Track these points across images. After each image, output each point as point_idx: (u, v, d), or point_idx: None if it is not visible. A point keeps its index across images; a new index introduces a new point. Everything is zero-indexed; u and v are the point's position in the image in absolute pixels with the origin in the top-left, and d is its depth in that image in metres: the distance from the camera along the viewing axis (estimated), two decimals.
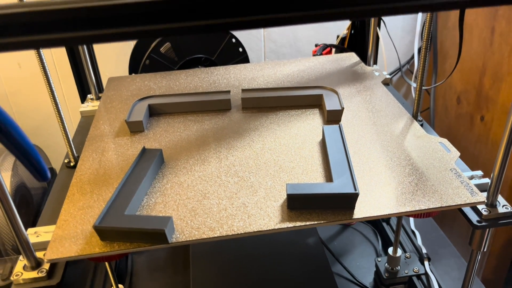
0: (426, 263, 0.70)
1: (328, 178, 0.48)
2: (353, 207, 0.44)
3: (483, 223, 0.46)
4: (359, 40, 0.94)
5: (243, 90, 0.66)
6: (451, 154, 0.52)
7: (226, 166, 0.52)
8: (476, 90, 1.00)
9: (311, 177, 0.49)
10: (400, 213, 0.44)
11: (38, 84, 1.14)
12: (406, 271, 0.68)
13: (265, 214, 0.44)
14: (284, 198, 0.46)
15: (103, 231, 0.41)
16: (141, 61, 0.89)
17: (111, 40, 0.26)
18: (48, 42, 0.26)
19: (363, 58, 0.81)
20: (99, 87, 0.90)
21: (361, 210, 0.44)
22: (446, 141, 0.54)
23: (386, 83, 0.74)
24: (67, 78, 1.16)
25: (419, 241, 0.74)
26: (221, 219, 0.44)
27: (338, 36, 0.94)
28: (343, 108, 0.60)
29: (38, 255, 0.45)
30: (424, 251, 0.72)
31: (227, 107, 0.65)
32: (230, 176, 0.50)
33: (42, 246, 0.46)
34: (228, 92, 0.66)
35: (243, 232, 0.42)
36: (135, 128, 0.60)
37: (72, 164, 0.60)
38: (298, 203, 0.44)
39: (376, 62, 0.82)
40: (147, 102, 0.64)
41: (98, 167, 0.54)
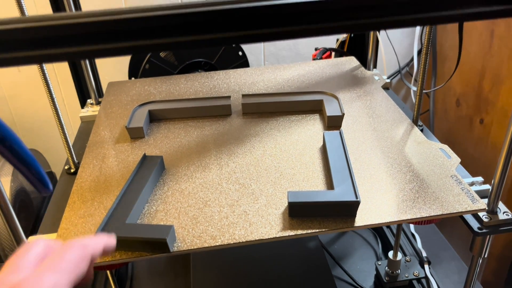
0: (426, 266, 0.70)
1: (329, 185, 0.48)
2: (354, 215, 0.44)
3: (484, 230, 0.46)
4: (359, 43, 0.94)
5: (244, 96, 0.65)
6: (451, 160, 0.52)
7: (227, 173, 0.52)
8: (475, 92, 1.00)
9: (312, 184, 0.49)
10: (402, 220, 0.44)
11: (37, 88, 1.14)
12: (406, 275, 0.69)
13: (266, 222, 0.44)
14: (285, 205, 0.46)
15: None
16: (140, 65, 0.88)
17: (116, 55, 0.26)
18: (49, 57, 0.25)
19: (363, 61, 0.81)
20: (99, 91, 0.90)
21: (362, 218, 0.44)
22: (446, 147, 0.54)
23: (386, 87, 0.74)
24: (67, 82, 1.16)
25: (419, 244, 0.74)
26: (222, 227, 0.44)
27: (337, 40, 0.95)
28: (343, 114, 0.60)
29: None
30: (424, 254, 0.72)
31: (227, 112, 0.65)
32: (231, 183, 0.50)
33: None
34: (228, 97, 0.65)
35: (244, 240, 0.42)
36: (135, 134, 0.60)
37: (72, 170, 0.60)
38: (299, 211, 0.44)
39: (375, 65, 0.82)
40: (147, 108, 0.64)
41: (99, 174, 0.53)
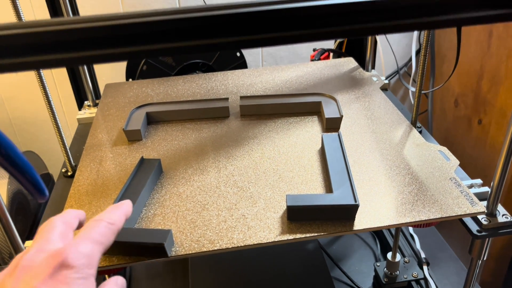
0: (425, 267, 0.70)
1: (328, 188, 0.48)
2: (353, 218, 0.44)
3: (483, 233, 0.46)
4: (357, 43, 0.94)
5: (242, 97, 0.65)
6: (450, 162, 0.52)
7: (225, 176, 0.52)
8: (474, 93, 1.00)
9: (310, 187, 0.49)
10: (401, 224, 0.43)
11: (34, 89, 1.13)
12: (405, 276, 0.68)
13: (265, 226, 0.44)
14: (284, 209, 0.46)
15: None
16: (138, 66, 0.88)
17: (115, 60, 0.25)
18: (47, 63, 0.25)
19: (361, 62, 0.81)
20: (96, 93, 0.90)
21: (361, 221, 0.44)
22: (445, 149, 0.54)
23: (384, 88, 0.74)
24: (64, 84, 1.15)
25: (417, 245, 0.74)
26: (220, 231, 0.44)
27: (335, 40, 0.94)
28: (342, 116, 0.59)
29: None
30: (423, 255, 0.72)
31: (225, 114, 0.64)
32: (229, 187, 0.50)
33: None
34: (226, 99, 0.65)
35: (243, 244, 0.42)
36: (133, 137, 0.60)
37: (69, 173, 0.59)
38: (298, 214, 0.44)
39: (374, 66, 0.82)
40: (145, 110, 0.64)
41: (96, 177, 0.53)
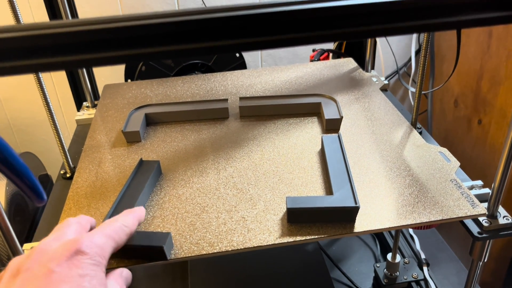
0: (425, 268, 0.70)
1: (328, 190, 0.48)
2: (353, 221, 0.43)
3: (484, 235, 0.45)
4: (356, 44, 0.94)
5: (241, 98, 0.65)
6: (451, 164, 0.51)
7: (225, 178, 0.51)
8: (473, 93, 1.00)
9: (310, 189, 0.49)
10: (401, 226, 0.43)
11: (33, 90, 1.13)
12: (405, 277, 0.68)
13: (265, 228, 0.44)
14: (284, 211, 0.46)
15: None
16: (137, 67, 0.88)
17: (114, 63, 0.25)
18: (46, 66, 0.25)
19: (361, 62, 0.81)
20: (95, 94, 0.89)
21: (361, 224, 0.43)
22: (446, 150, 0.54)
23: (384, 89, 0.73)
24: (63, 84, 1.15)
25: (417, 245, 0.74)
26: (220, 233, 0.43)
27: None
28: (342, 117, 0.59)
29: None
30: (423, 256, 0.72)
31: (225, 115, 0.64)
32: (229, 188, 0.50)
33: None
34: (225, 100, 0.65)
35: (242, 247, 0.42)
36: (132, 138, 0.59)
37: (68, 175, 0.59)
38: (298, 217, 0.43)
39: (373, 67, 0.81)
40: (144, 111, 0.63)
41: (95, 179, 0.53)
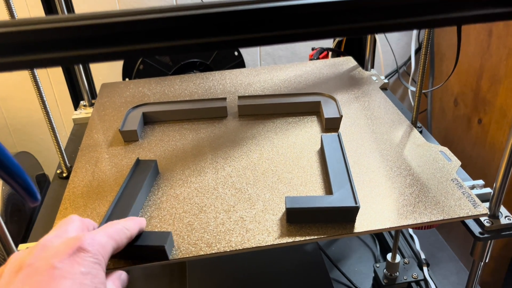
0: (425, 268, 0.69)
1: (328, 190, 0.47)
2: (354, 221, 0.43)
3: (485, 235, 0.45)
4: (356, 42, 0.93)
5: (240, 97, 0.64)
6: (452, 163, 0.51)
7: (223, 177, 0.51)
8: (473, 92, 0.99)
9: (310, 188, 0.48)
10: (402, 226, 0.43)
11: (30, 89, 1.12)
12: (405, 277, 0.68)
13: (263, 229, 0.43)
14: (283, 211, 0.45)
15: None
16: (134, 65, 0.87)
17: (111, 59, 0.25)
18: (41, 62, 0.24)
19: (360, 61, 0.80)
20: (92, 92, 0.89)
21: (361, 224, 0.43)
22: (446, 149, 0.53)
23: (384, 87, 0.73)
24: (60, 83, 1.14)
25: (417, 245, 0.74)
26: (218, 234, 0.43)
27: (334, 39, 0.93)
28: (341, 116, 0.58)
29: None
30: (422, 256, 0.71)
31: (223, 114, 0.63)
32: (227, 188, 0.49)
33: None
34: (224, 99, 0.64)
35: (241, 248, 0.41)
36: (129, 137, 0.59)
37: (64, 175, 0.58)
38: (297, 217, 0.43)
39: (373, 65, 0.81)
40: (141, 110, 0.63)
41: (92, 179, 0.52)
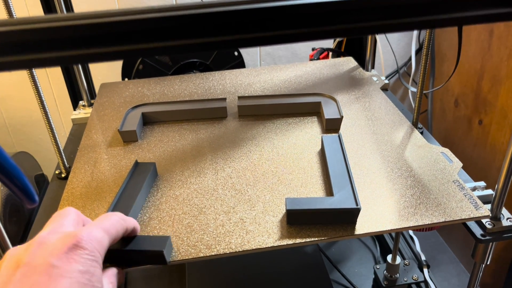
0: (425, 270, 0.69)
1: (329, 191, 0.47)
2: (354, 222, 0.43)
3: (487, 237, 0.44)
4: (356, 43, 0.93)
5: (240, 98, 0.64)
6: (453, 165, 0.50)
7: (223, 178, 0.50)
8: (474, 93, 0.99)
9: (310, 190, 0.48)
10: (403, 228, 0.42)
11: (28, 89, 1.11)
12: (405, 279, 0.67)
13: (263, 230, 0.43)
14: (283, 212, 0.45)
15: None
16: (134, 65, 0.87)
17: (111, 59, 0.24)
18: (39, 62, 0.24)
19: (360, 61, 0.80)
20: (91, 92, 0.88)
21: (362, 226, 0.42)
22: (448, 150, 0.53)
23: (384, 88, 0.72)
24: (59, 83, 1.14)
25: (417, 247, 0.73)
26: (218, 235, 0.42)
27: (335, 40, 0.93)
28: (342, 117, 0.58)
29: None
30: (423, 258, 0.71)
31: (223, 115, 0.63)
32: (227, 189, 0.49)
33: None
34: (224, 99, 0.64)
35: (241, 249, 0.41)
36: (128, 138, 0.58)
37: (63, 175, 0.58)
38: (298, 218, 0.43)
39: (373, 66, 0.80)
40: (141, 110, 0.62)
41: (91, 179, 0.52)
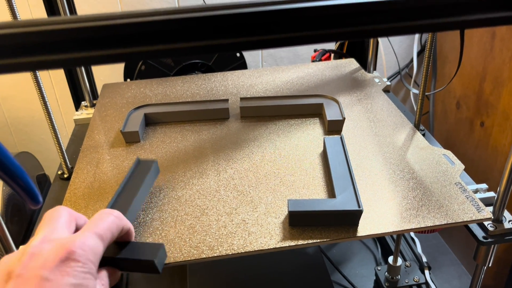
0: (427, 272, 0.69)
1: (331, 193, 0.47)
2: (356, 224, 0.43)
3: (489, 240, 0.45)
4: (358, 44, 0.93)
5: (242, 99, 0.64)
6: (455, 167, 0.50)
7: (225, 179, 0.51)
8: (476, 95, 0.99)
9: (312, 191, 0.48)
10: (405, 230, 0.42)
11: (31, 89, 1.12)
12: (406, 280, 0.67)
13: (266, 232, 0.43)
14: (285, 214, 0.45)
15: None
16: (136, 66, 0.87)
17: (114, 62, 0.24)
18: (43, 64, 0.24)
19: (362, 62, 0.80)
20: (94, 93, 0.88)
21: (364, 227, 0.43)
22: (450, 153, 0.53)
23: (386, 90, 0.73)
24: (62, 83, 1.14)
25: (419, 248, 0.73)
26: (220, 237, 0.43)
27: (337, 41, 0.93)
28: (344, 118, 0.58)
29: None
30: (424, 259, 0.71)
31: (225, 116, 0.63)
32: (229, 191, 0.49)
33: None
34: (226, 100, 0.64)
35: (243, 251, 0.41)
36: (130, 138, 0.58)
37: (65, 176, 0.58)
38: (300, 220, 0.43)
39: (375, 67, 0.81)
40: (143, 111, 0.62)
41: (93, 180, 0.52)
